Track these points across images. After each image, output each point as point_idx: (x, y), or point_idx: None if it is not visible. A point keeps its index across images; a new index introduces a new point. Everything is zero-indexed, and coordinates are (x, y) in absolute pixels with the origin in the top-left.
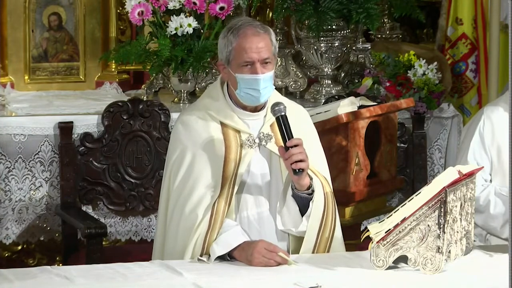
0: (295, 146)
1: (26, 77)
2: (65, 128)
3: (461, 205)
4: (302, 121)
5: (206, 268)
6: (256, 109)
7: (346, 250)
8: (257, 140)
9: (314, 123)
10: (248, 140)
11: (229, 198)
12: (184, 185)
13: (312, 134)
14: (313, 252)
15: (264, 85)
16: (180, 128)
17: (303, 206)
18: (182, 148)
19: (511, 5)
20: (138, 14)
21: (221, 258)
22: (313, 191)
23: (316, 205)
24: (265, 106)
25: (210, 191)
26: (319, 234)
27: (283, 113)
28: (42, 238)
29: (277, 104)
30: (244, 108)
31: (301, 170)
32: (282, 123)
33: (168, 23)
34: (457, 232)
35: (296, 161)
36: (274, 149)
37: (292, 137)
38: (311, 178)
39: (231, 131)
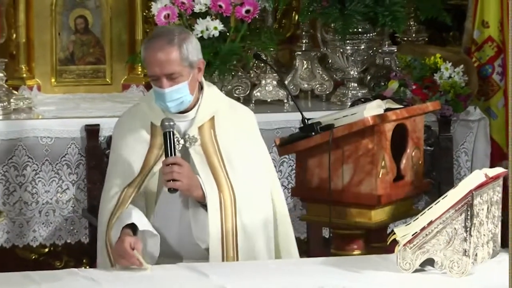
0: (174, 164)
1: (53, 80)
2: (92, 131)
3: (487, 208)
4: (242, 126)
5: (233, 271)
6: (184, 111)
7: (373, 253)
8: (181, 141)
9: (340, 126)
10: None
11: (137, 188)
12: (108, 174)
13: (251, 140)
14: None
15: (171, 98)
16: (117, 123)
17: None
18: (114, 142)
19: (511, 5)
20: (164, 17)
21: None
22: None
23: (212, 218)
24: (195, 108)
25: (123, 182)
26: (223, 249)
27: (170, 130)
28: (69, 241)
29: (166, 119)
30: None
31: (173, 189)
32: (168, 139)
33: (194, 26)
34: (484, 235)
35: (170, 180)
36: (197, 152)
37: (174, 155)
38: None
39: (159, 130)
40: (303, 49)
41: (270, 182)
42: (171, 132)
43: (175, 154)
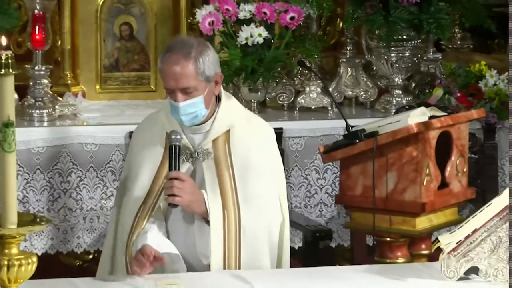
0: (176, 179)
1: (98, 87)
2: None
3: None
4: (258, 140)
5: (276, 278)
6: (200, 123)
7: (417, 261)
8: (195, 155)
9: (384, 134)
10: (185, 153)
11: (152, 206)
12: (123, 185)
13: (266, 153)
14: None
15: (185, 112)
16: (137, 129)
17: None
18: (132, 148)
19: (511, 5)
20: (209, 24)
21: None
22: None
23: (214, 235)
24: (210, 121)
25: (139, 197)
26: (225, 266)
27: (177, 143)
28: None
29: (174, 133)
30: None
31: (173, 204)
32: (173, 153)
33: (238, 33)
34: None
35: (170, 195)
36: (209, 167)
37: (178, 169)
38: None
39: None
40: (348, 56)
41: (280, 200)
42: (177, 146)
43: (178, 169)
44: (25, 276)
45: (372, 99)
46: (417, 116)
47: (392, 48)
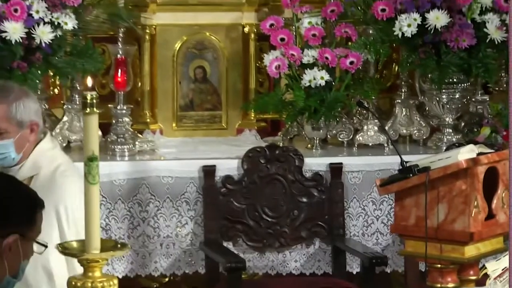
0: None
1: (174, 125)
2: (209, 171)
3: None
4: (51, 194)
5: None
6: (10, 166)
7: (466, 286)
8: None
9: (436, 169)
10: None
11: None
12: None
13: (50, 208)
14: None
15: None
16: None
17: None
18: None
19: (511, 5)
20: (276, 68)
21: None
22: None
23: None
24: (21, 164)
25: None
26: None
27: None
28: (187, 271)
29: None
30: None
31: None
32: None
33: (302, 76)
34: None
35: None
36: None
37: None
38: None
39: None
40: (402, 97)
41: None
42: None
43: None
44: None
45: (424, 137)
46: (466, 153)
47: (443, 90)
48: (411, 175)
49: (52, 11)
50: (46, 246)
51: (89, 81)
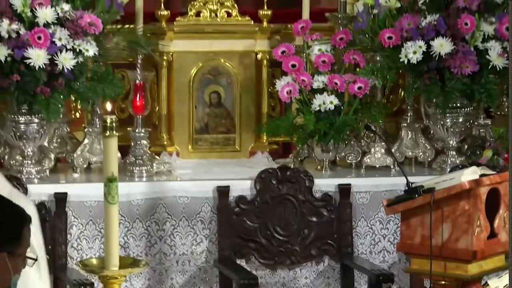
0: None
1: (190, 147)
2: (223, 192)
3: None
4: None
5: None
6: None
7: None
8: None
9: (440, 189)
10: None
11: None
12: None
13: None
14: None
15: None
16: None
17: None
18: None
19: (511, 5)
20: (287, 92)
21: None
22: None
23: None
24: None
25: None
26: None
27: None
28: (202, 287)
29: None
30: None
31: None
32: None
33: (312, 101)
34: None
35: None
36: None
37: None
38: None
39: None
40: (408, 121)
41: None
42: None
43: None
44: None
45: (429, 159)
46: (470, 175)
47: (448, 115)
48: (416, 195)
49: (74, 38)
50: (36, 260)
51: (109, 106)
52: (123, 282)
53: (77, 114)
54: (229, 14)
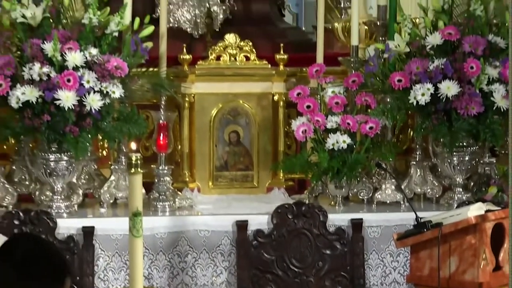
0: None
1: (210, 183)
2: (242, 226)
3: None
4: None
5: None
6: None
7: None
8: None
9: (447, 224)
10: None
11: None
12: None
13: None
14: None
15: None
16: None
17: None
18: None
19: (511, 6)
20: (302, 132)
21: None
22: None
23: None
24: None
25: None
26: None
27: None
28: None
29: None
30: None
31: None
32: None
33: (326, 140)
34: None
35: None
36: None
37: None
38: None
39: None
40: (417, 159)
41: None
42: None
43: None
44: None
45: (437, 195)
46: (476, 210)
47: (454, 153)
48: (425, 230)
49: (101, 81)
50: None
51: (134, 145)
52: None
53: (104, 152)
54: (247, 58)
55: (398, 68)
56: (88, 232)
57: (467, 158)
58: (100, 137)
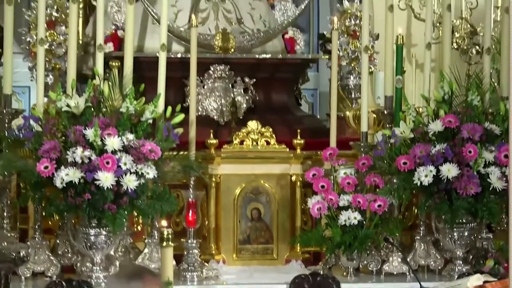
0: None
1: (234, 256)
2: None
3: None
4: None
5: None
6: None
7: None
8: None
9: None
10: None
11: None
12: None
13: None
14: None
15: None
16: None
17: None
18: None
19: (511, 6)
20: (317, 209)
21: None
22: None
23: None
24: None
25: None
26: None
27: None
28: None
29: None
30: None
31: None
32: None
33: (339, 216)
34: None
35: None
36: None
37: None
38: None
39: None
40: (421, 234)
41: None
42: None
43: None
44: None
45: (440, 267)
46: (474, 281)
47: (455, 229)
48: None
49: (137, 163)
50: None
51: (164, 222)
52: None
53: (139, 227)
54: (268, 143)
55: (404, 152)
56: None
57: (466, 234)
58: (136, 214)
